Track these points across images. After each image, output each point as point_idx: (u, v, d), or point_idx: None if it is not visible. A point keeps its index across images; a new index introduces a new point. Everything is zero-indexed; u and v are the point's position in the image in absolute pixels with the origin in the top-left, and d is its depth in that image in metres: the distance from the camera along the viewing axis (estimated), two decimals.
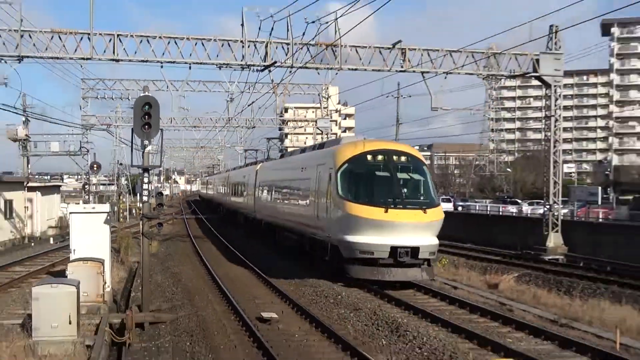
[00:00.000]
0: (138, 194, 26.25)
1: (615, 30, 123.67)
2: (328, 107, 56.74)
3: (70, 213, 22.68)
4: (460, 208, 71.11)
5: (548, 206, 35.55)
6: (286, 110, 79.47)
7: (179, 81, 41.98)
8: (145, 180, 19.20)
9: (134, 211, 65.54)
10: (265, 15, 25.85)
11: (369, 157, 22.94)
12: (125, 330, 15.49)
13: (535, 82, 30.40)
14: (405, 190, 22.63)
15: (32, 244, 42.50)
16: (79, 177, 63.43)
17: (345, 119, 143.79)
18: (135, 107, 18.40)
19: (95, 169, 56.97)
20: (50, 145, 55.85)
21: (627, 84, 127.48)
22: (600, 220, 51.42)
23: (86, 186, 58.47)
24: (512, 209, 65.94)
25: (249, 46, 26.91)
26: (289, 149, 68.01)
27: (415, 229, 21.15)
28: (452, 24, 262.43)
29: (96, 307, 17.67)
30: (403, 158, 23.31)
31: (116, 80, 48.57)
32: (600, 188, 80.00)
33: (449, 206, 60.13)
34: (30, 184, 49.11)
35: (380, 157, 22.95)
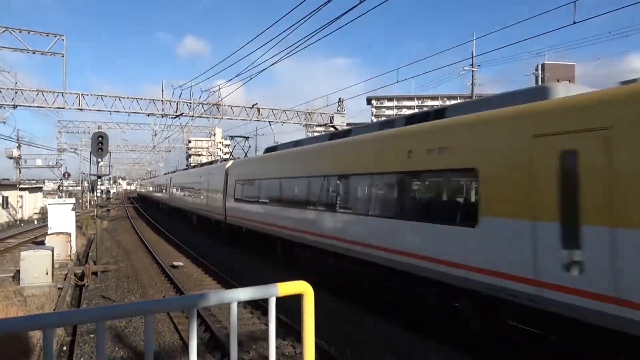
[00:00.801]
0: (95, 192, 24.33)
1: (374, 102, 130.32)
2: (215, 140, 56.45)
3: (48, 204, 20.94)
4: None
5: None
6: (190, 141, 76.48)
7: (122, 122, 41.14)
8: (99, 183, 17.97)
9: (92, 202, 61.02)
10: (176, 86, 25.68)
11: None
12: (84, 277, 14.30)
13: (332, 130, 31.13)
14: None
15: (22, 225, 38.12)
16: (56, 181, 57.81)
17: (226, 147, 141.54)
18: (92, 138, 17.04)
19: (66, 176, 52.95)
20: (36, 161, 51.26)
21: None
22: None
23: (60, 187, 53.85)
24: None
25: (166, 103, 25.80)
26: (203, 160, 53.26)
27: None
28: (287, 92, 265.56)
29: (65, 263, 16.16)
30: None
31: (81, 122, 45.08)
32: None
33: None
34: (21, 186, 45.27)
35: None
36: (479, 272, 6.79)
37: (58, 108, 24.97)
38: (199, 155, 63.98)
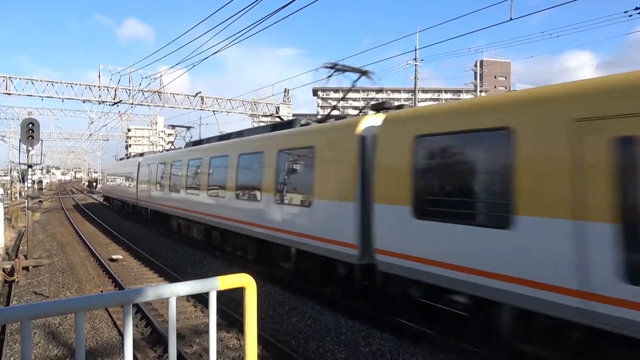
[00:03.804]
0: (25, 182, 22.88)
1: (320, 93, 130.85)
2: (157, 129, 54.79)
3: None
4: None
5: None
6: (129, 130, 73.51)
7: (55, 109, 38.88)
8: (30, 173, 16.94)
9: (23, 193, 57.41)
10: (114, 72, 24.65)
11: None
12: (14, 272, 13.45)
13: (277, 120, 30.99)
14: None
15: None
16: None
17: (169, 136, 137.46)
18: (22, 125, 15.98)
19: None
20: None
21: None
22: None
23: None
24: None
25: (103, 89, 24.65)
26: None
27: None
28: (233, 81, 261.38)
29: None
30: None
31: (9, 107, 42.27)
32: None
33: None
34: None
35: None
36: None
37: None
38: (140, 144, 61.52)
